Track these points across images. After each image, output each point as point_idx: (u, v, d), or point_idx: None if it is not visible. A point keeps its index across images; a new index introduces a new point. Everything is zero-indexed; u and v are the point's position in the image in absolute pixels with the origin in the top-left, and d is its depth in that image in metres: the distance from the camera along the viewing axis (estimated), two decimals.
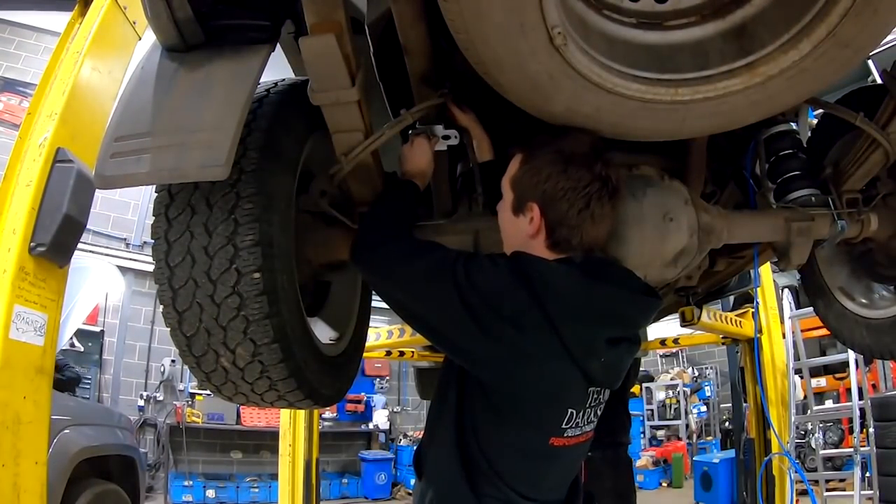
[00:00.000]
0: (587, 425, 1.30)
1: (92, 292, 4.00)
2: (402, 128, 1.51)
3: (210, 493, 8.19)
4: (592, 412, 1.31)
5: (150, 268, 1.39)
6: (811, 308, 2.67)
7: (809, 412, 6.27)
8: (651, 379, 12.27)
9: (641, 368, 9.81)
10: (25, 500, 1.76)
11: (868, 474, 5.19)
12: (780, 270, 3.38)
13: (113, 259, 7.73)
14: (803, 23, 1.15)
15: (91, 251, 7.53)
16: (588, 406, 1.28)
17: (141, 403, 8.37)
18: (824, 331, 2.75)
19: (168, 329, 1.38)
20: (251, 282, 1.28)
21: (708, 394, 11.54)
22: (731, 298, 5.55)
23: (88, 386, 7.44)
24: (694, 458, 9.18)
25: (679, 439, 11.44)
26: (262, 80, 1.43)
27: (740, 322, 5.15)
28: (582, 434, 1.29)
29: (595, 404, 1.30)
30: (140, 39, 2.37)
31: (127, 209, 8.71)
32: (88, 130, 2.10)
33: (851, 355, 5.36)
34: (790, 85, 1.23)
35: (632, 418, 3.95)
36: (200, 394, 8.62)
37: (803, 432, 6.84)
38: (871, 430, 5.08)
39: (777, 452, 4.80)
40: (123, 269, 7.92)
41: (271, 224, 1.33)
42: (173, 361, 8.48)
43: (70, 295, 2.33)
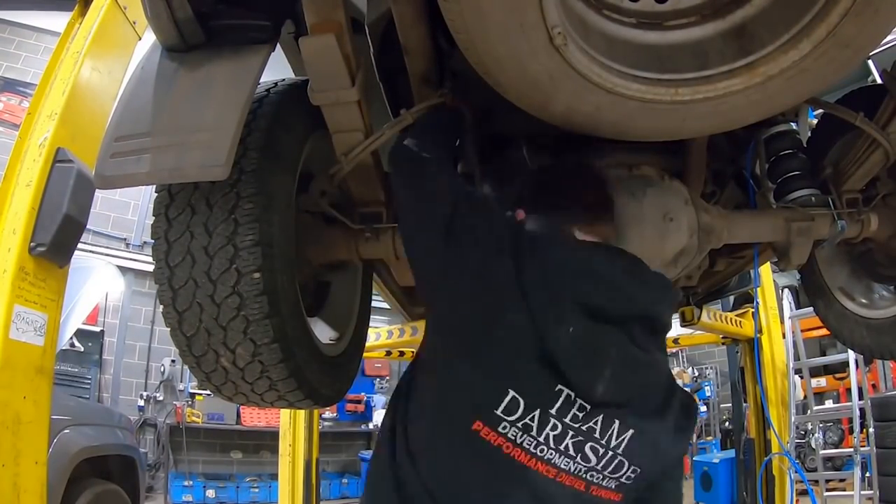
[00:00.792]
0: (561, 456, 1.01)
1: (92, 292, 3.99)
2: (402, 128, 1.51)
3: (210, 493, 8.17)
4: (575, 441, 1.01)
5: (150, 268, 1.39)
6: (811, 308, 2.67)
7: (809, 412, 6.26)
8: None
9: None
10: (25, 500, 1.76)
11: (868, 474, 5.18)
12: (780, 270, 3.37)
13: (113, 259, 7.70)
14: (803, 23, 1.15)
15: (91, 251, 7.51)
16: (558, 416, 1.00)
17: (141, 403, 8.34)
18: (824, 331, 2.75)
19: (168, 329, 1.39)
20: (251, 282, 1.28)
21: (708, 394, 11.52)
22: (731, 298, 5.53)
23: (88, 386, 7.42)
24: (694, 458, 9.14)
25: None
26: (262, 80, 1.43)
27: (740, 322, 5.14)
28: (550, 465, 1.01)
29: (585, 432, 1.01)
30: (140, 39, 2.37)
31: (127, 209, 8.69)
32: (88, 130, 2.10)
33: (851, 355, 5.35)
34: (790, 85, 1.23)
35: None
36: (200, 394, 8.60)
37: (803, 432, 6.82)
38: (871, 430, 5.07)
39: (777, 452, 4.78)
40: (123, 269, 7.90)
41: (271, 224, 1.33)
42: (173, 361, 8.46)
43: (70, 295, 2.33)
